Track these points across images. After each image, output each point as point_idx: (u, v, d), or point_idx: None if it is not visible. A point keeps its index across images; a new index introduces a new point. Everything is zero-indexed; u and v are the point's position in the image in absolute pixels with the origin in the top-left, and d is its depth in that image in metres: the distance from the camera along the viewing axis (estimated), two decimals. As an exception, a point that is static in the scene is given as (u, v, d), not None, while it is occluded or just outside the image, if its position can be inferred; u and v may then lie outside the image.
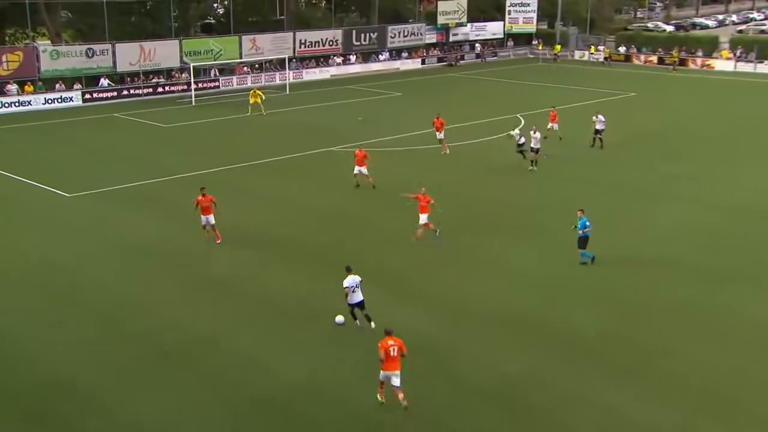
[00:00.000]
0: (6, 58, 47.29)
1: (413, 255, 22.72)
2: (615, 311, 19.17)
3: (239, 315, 18.85)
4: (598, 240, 22.04)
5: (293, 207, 27.25)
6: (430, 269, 21.78)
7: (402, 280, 21.00)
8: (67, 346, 17.24)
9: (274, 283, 20.68)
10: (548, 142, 35.00)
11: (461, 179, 31.15)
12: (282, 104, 49.66)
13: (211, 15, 67.26)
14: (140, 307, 19.23)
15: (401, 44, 69.59)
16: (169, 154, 35.91)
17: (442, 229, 23.57)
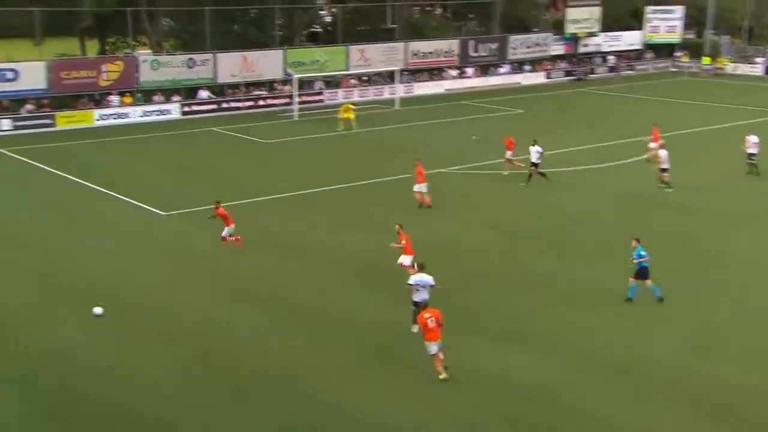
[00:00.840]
0: (106, 68, 49.95)
1: (520, 292, 22.30)
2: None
3: (329, 349, 18.84)
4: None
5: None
6: (542, 307, 21.22)
7: (508, 320, 20.53)
8: (138, 380, 17.69)
9: (362, 311, 20.59)
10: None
11: (581, 205, 30.38)
12: (390, 120, 50.04)
13: (317, 23, 68.84)
14: (226, 336, 19.54)
15: (524, 56, 69.03)
16: (268, 172, 36.74)
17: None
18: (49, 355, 18.68)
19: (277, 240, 26.90)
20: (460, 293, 21.89)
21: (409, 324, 19.22)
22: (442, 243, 26.17)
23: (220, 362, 18.41)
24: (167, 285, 23.05)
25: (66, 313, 21.07)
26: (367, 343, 19.30)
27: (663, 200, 31.65)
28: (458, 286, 22.29)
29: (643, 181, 34.36)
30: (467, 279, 23.25)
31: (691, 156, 38.90)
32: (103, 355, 18.71)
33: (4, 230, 27.86)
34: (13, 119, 46.09)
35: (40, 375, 17.71)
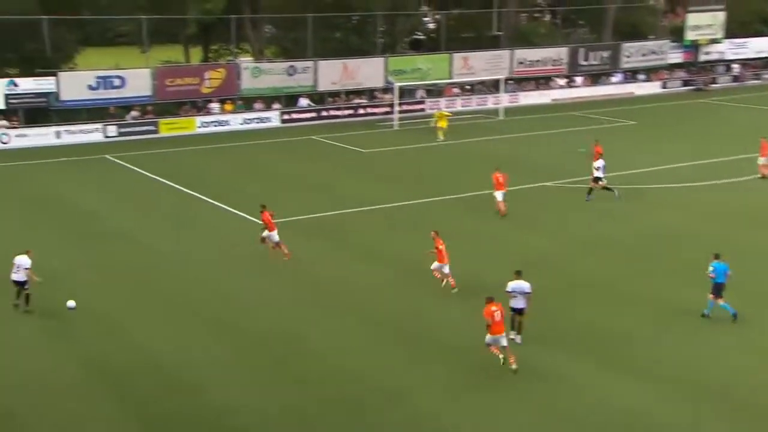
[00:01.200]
0: (209, 75, 52.05)
1: (617, 311, 22.19)
2: None
3: (432, 368, 19.08)
4: None
5: (500, 249, 27.35)
6: (638, 328, 21.02)
7: (622, 345, 20.42)
8: (240, 385, 18.45)
9: (469, 332, 20.83)
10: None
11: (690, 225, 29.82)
12: (494, 131, 50.19)
13: (420, 30, 69.53)
14: (317, 352, 20.08)
15: (638, 64, 67.88)
16: (366, 182, 37.51)
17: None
18: (141, 355, 19.82)
19: (375, 251, 27.53)
20: (556, 306, 22.00)
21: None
22: (538, 257, 26.21)
23: (318, 376, 19.07)
24: (263, 292, 23.96)
25: (162, 317, 22.27)
26: (467, 361, 19.53)
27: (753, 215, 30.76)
28: (554, 299, 22.36)
29: (759, 200, 33.51)
30: (562, 293, 23.26)
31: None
32: (201, 358, 19.71)
33: (105, 232, 29.48)
34: (118, 125, 48.57)
35: (136, 373, 18.82)
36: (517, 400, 17.74)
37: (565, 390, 18.01)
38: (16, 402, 17.65)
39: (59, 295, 22.32)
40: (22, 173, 39.52)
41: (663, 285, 24.17)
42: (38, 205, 33.52)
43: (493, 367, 18.80)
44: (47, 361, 19.64)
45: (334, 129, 51.44)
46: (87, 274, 25.35)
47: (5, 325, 21.64)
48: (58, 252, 26.86)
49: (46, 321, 21.91)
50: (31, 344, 20.60)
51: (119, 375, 18.94)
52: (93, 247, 27.93)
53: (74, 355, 19.95)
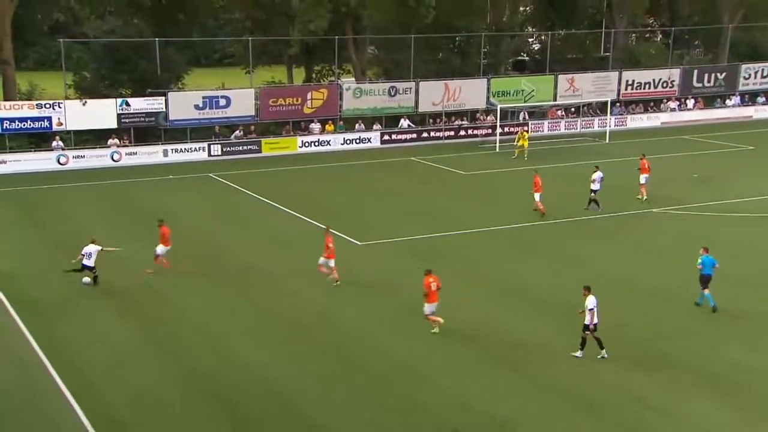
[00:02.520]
0: (311, 96, 53.64)
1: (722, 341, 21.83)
2: None
3: (544, 401, 19.24)
4: None
5: (604, 277, 27.46)
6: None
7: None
8: (342, 408, 19.12)
9: (581, 365, 21.08)
10: None
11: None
12: (600, 155, 49.81)
13: (525, 51, 69.71)
14: (424, 377, 20.52)
15: (758, 86, 66.24)
16: (465, 205, 37.99)
17: None
18: (241, 371, 20.86)
19: (473, 275, 28.05)
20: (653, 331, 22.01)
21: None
22: (652, 286, 26.22)
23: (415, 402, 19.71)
24: (361, 314, 24.81)
25: (269, 326, 23.35)
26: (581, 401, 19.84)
27: None
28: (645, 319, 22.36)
29: None
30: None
31: None
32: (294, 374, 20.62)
33: (206, 248, 30.94)
34: (222, 145, 50.61)
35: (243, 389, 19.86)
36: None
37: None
38: (128, 415, 18.80)
39: (165, 310, 23.77)
40: (132, 190, 41.70)
41: None
42: (146, 220, 35.33)
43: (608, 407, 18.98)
44: (155, 373, 20.83)
45: (435, 150, 52.15)
46: (190, 287, 26.74)
47: (115, 334, 23.15)
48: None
49: (153, 333, 23.35)
50: (138, 356, 21.92)
51: (226, 391, 19.95)
52: (196, 261, 29.32)
53: (182, 369, 21.10)
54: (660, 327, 23.43)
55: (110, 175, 44.93)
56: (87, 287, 26.27)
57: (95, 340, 22.59)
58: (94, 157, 47.68)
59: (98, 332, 23.17)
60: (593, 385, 19.83)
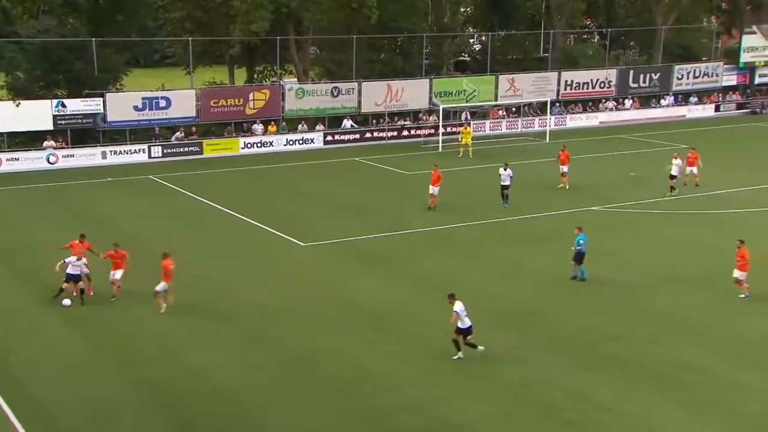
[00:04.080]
0: (253, 97, 52.89)
1: (721, 351, 21.94)
2: None
3: (496, 407, 18.92)
4: None
5: (534, 271, 27.43)
6: (726, 372, 20.86)
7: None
8: (290, 410, 18.60)
9: (536, 369, 20.91)
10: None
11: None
12: (541, 154, 50.15)
13: (466, 52, 69.93)
14: (377, 381, 20.07)
15: (690, 87, 67.49)
16: (408, 206, 37.73)
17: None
18: (183, 375, 20.23)
19: (412, 275, 27.78)
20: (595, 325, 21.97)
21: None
22: (598, 283, 26.28)
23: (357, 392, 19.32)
24: (309, 316, 24.30)
25: (217, 330, 22.72)
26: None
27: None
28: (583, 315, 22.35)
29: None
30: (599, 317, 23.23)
31: None
32: (236, 376, 20.08)
33: (153, 254, 30.06)
34: (162, 146, 49.54)
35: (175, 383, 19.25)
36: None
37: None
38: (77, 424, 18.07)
39: (111, 312, 22.95)
40: (69, 192, 40.47)
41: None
42: (84, 223, 34.28)
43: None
44: (107, 381, 20.11)
45: (378, 151, 51.88)
46: (136, 295, 25.89)
47: (60, 338, 22.28)
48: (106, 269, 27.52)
49: (101, 342, 22.54)
50: (88, 366, 21.09)
51: (178, 398, 19.34)
52: (140, 267, 28.50)
53: (132, 378, 20.36)
54: (602, 324, 23.43)
55: (46, 178, 43.60)
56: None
57: (42, 351, 21.65)
58: (29, 159, 46.29)
59: (45, 343, 22.21)
60: (543, 386, 19.65)
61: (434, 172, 36.37)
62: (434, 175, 36.22)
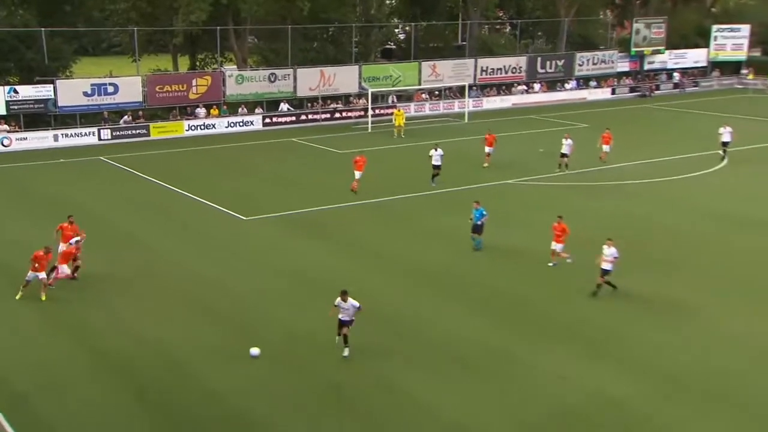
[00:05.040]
0: (196, 83, 51.65)
1: (620, 306, 22.11)
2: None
3: (416, 360, 18.87)
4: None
5: (455, 237, 27.43)
6: (626, 324, 21.12)
7: (595, 335, 20.55)
8: (239, 377, 18.09)
9: (451, 324, 20.84)
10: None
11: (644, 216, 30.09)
12: (460, 133, 50.27)
13: (391, 40, 69.52)
14: (312, 341, 19.76)
15: (590, 72, 68.39)
16: (342, 181, 37.30)
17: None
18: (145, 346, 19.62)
19: (348, 244, 27.52)
20: (517, 292, 22.08)
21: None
22: (512, 250, 26.35)
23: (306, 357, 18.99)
24: (253, 286, 23.82)
25: (166, 302, 22.04)
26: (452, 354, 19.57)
27: (712, 209, 31.16)
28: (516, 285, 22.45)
29: (705, 194, 33.95)
30: (527, 282, 23.38)
31: (749, 169, 38.25)
32: (192, 344, 19.56)
33: (106, 231, 29.14)
34: (111, 129, 48.02)
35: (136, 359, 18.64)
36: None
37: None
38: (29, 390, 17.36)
39: (66, 293, 22.04)
40: (23, 174, 38.92)
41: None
42: (39, 204, 33.06)
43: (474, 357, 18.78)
44: (59, 351, 19.36)
45: (313, 132, 51.29)
46: (88, 267, 25.00)
47: (14, 314, 21.35)
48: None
49: (55, 314, 21.65)
50: (41, 337, 20.29)
51: (129, 366, 18.72)
52: (94, 243, 27.55)
53: (84, 348, 19.65)
54: (512, 285, 23.54)
55: (1, 159, 41.79)
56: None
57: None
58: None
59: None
60: (472, 345, 19.58)
61: (359, 158, 34.97)
62: (359, 160, 34.82)
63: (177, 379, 17.89)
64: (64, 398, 16.98)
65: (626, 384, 17.51)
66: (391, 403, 16.84)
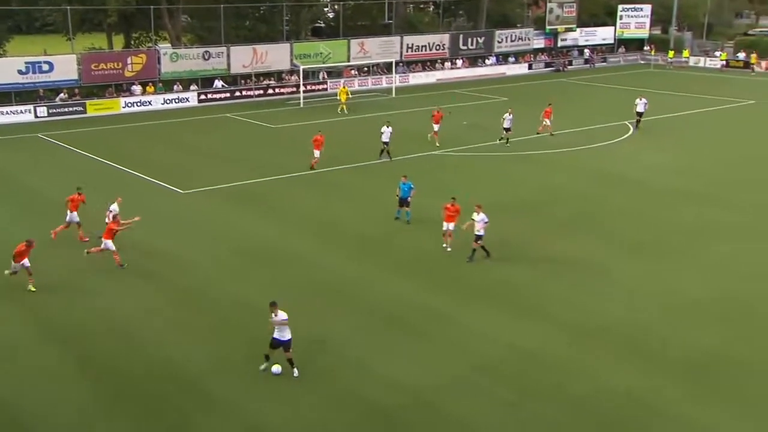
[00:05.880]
0: (131, 60, 49.99)
1: (537, 266, 22.48)
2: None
3: (352, 322, 18.85)
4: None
5: (391, 206, 27.48)
6: (543, 282, 21.55)
7: (512, 293, 20.91)
8: (185, 344, 17.78)
9: (383, 288, 20.90)
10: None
11: (558, 185, 30.70)
12: (388, 107, 50.16)
13: (321, 19, 68.63)
14: (254, 306, 19.49)
15: (508, 49, 68.94)
16: (277, 154, 36.93)
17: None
18: (90, 315, 19.07)
19: (285, 213, 27.26)
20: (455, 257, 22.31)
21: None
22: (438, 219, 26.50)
23: (244, 322, 18.79)
24: (196, 256, 23.41)
25: (111, 270, 21.44)
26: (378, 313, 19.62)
27: (631, 177, 32.03)
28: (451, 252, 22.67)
29: (615, 163, 34.79)
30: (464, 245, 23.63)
31: (653, 139, 39.38)
32: (135, 308, 19.12)
33: (45, 205, 28.14)
34: (48, 107, 46.20)
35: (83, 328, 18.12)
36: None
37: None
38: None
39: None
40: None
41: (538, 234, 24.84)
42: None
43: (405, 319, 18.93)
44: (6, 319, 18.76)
45: (247, 107, 50.40)
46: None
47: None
48: (9, 225, 25.55)
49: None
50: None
51: (73, 333, 18.16)
52: (32, 217, 26.62)
53: (32, 314, 19.07)
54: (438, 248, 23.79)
55: (-64, 138, 39.91)
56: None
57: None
58: None
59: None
60: (405, 306, 19.75)
61: (318, 137, 33.33)
62: (318, 139, 33.11)
63: (123, 347, 17.50)
64: (12, 365, 16.48)
65: (539, 336, 17.97)
66: (326, 362, 16.86)
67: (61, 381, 16.04)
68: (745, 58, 68.71)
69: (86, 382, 16.05)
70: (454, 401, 15.33)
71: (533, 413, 14.92)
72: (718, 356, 17.14)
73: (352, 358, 16.95)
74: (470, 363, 16.80)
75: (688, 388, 15.84)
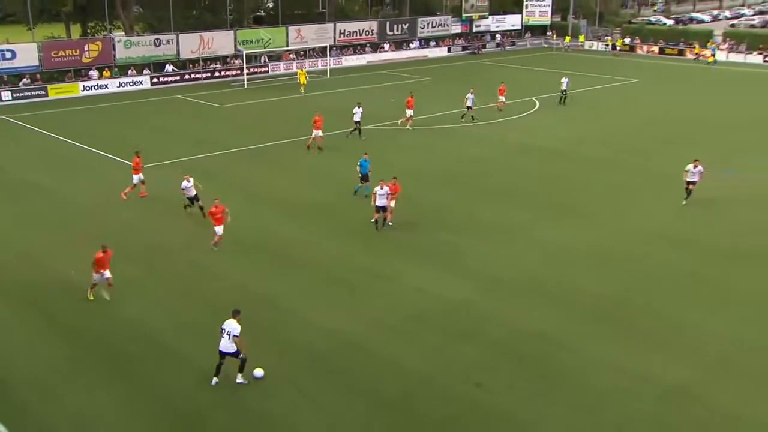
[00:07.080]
0: (88, 48, 47.68)
1: (462, 229, 22.39)
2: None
3: (298, 281, 18.60)
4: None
5: (333, 178, 27.16)
6: (468, 243, 21.61)
7: (446, 253, 20.92)
8: (147, 305, 17.38)
9: (329, 251, 20.63)
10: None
11: (475, 156, 30.85)
12: (323, 87, 49.37)
13: (261, 8, 66.88)
14: (211, 270, 19.13)
15: (430, 34, 68.46)
16: (225, 131, 35.97)
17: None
18: (53, 286, 18.26)
19: (236, 185, 26.61)
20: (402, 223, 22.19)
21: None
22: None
23: (209, 286, 18.31)
24: (158, 228, 22.65)
25: (76, 239, 20.55)
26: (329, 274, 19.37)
27: (541, 146, 32.40)
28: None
29: (527, 134, 35.13)
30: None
31: (558, 113, 39.94)
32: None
33: (14, 181, 26.78)
34: (11, 91, 43.81)
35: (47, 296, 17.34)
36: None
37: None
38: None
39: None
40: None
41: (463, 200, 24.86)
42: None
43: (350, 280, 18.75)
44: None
45: (196, 89, 48.80)
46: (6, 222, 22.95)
47: None
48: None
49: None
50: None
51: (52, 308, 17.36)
52: (8, 196, 25.32)
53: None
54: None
55: None
56: None
57: None
58: None
59: None
60: (346, 267, 19.54)
61: (317, 117, 31.50)
62: (318, 120, 31.28)
63: (87, 304, 16.95)
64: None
65: (466, 289, 18.15)
66: (275, 318, 16.65)
67: (31, 337, 15.36)
68: (630, 42, 70.08)
69: (54, 338, 15.42)
70: (386, 345, 15.37)
71: (456, 353, 15.08)
72: (619, 300, 17.58)
73: (299, 315, 16.77)
74: (403, 313, 16.85)
75: (593, 327, 16.25)
